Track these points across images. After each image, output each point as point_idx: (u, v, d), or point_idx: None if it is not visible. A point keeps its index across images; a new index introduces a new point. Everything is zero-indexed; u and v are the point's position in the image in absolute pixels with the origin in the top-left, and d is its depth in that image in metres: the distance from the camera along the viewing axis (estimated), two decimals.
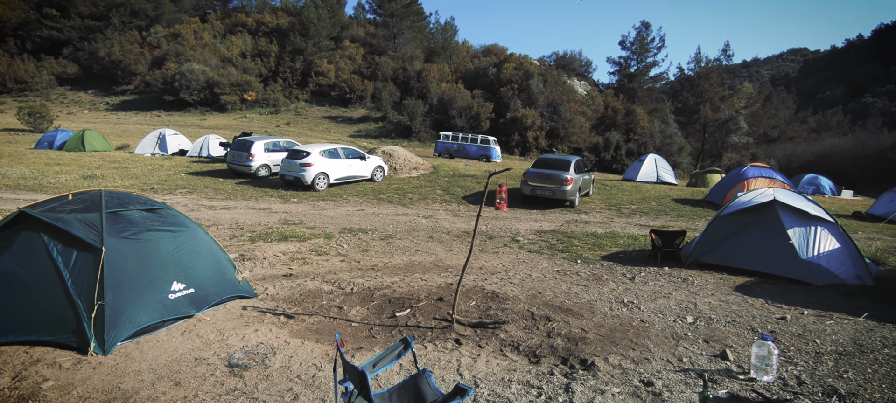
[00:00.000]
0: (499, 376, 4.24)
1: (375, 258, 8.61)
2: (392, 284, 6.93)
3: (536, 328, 5.39)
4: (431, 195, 16.20)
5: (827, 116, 62.59)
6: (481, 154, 29.21)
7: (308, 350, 4.68)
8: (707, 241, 8.68)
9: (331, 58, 50.35)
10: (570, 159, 15.54)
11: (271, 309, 5.76)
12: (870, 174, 36.03)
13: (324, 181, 15.95)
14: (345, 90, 48.20)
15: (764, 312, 6.10)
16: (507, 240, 10.46)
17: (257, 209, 12.89)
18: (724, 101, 45.41)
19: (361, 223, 11.69)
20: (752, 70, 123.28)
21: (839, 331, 5.44)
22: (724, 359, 4.64)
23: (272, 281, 6.88)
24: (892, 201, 16.10)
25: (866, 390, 4.07)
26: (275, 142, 18.49)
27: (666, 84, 55.78)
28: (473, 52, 58.75)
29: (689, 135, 45.95)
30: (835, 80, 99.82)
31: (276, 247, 8.81)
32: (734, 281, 7.57)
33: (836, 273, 7.46)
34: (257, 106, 45.51)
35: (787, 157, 44.52)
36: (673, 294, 6.82)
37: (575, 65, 56.34)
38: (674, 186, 23.07)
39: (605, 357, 4.62)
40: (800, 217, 7.97)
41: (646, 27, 51.57)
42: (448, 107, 40.37)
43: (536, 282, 7.28)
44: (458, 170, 21.67)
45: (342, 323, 5.48)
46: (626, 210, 15.40)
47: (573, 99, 44.49)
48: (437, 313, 5.80)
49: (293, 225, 10.99)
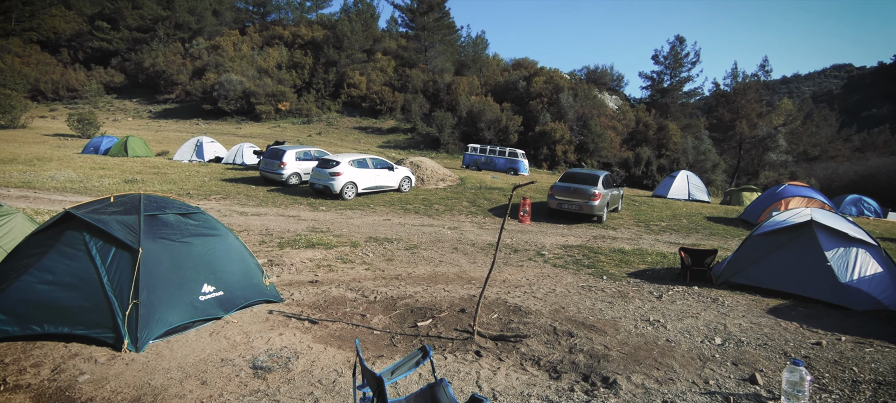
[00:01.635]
0: (518, 390, 4.21)
1: (400, 267, 8.68)
2: (415, 294, 6.98)
3: (558, 343, 5.34)
4: (457, 207, 16.25)
5: (872, 135, 59.93)
6: (509, 167, 29.14)
7: (330, 356, 4.76)
8: (740, 261, 8.43)
9: (363, 70, 51.34)
10: (599, 174, 15.35)
11: (296, 314, 5.89)
12: None
13: (352, 190, 16.21)
14: (375, 101, 48.99)
15: (798, 336, 5.87)
16: (532, 254, 10.39)
17: (287, 216, 13.19)
18: (762, 118, 44.04)
19: (387, 232, 11.82)
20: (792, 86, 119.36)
21: (879, 360, 5.19)
22: (753, 383, 4.49)
23: (298, 287, 7.02)
24: None
25: None
26: (306, 152, 18.92)
27: (700, 99, 54.60)
28: (503, 65, 58.89)
29: (724, 152, 44.70)
30: (881, 97, 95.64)
31: (304, 254, 8.99)
32: (767, 303, 7.31)
33: (877, 298, 7.12)
34: (291, 116, 46.70)
35: (828, 177, 42.74)
36: (701, 314, 6.64)
37: (606, 79, 55.76)
38: (706, 204, 22.46)
39: (628, 375, 4.53)
40: (839, 238, 7.66)
41: (680, 42, 50.71)
42: (477, 120, 40.49)
43: (560, 297, 7.20)
44: (486, 182, 21.68)
45: (364, 330, 5.55)
46: (656, 227, 15.08)
47: (603, 113, 43.97)
48: (458, 324, 5.81)
49: (321, 232, 11.20)
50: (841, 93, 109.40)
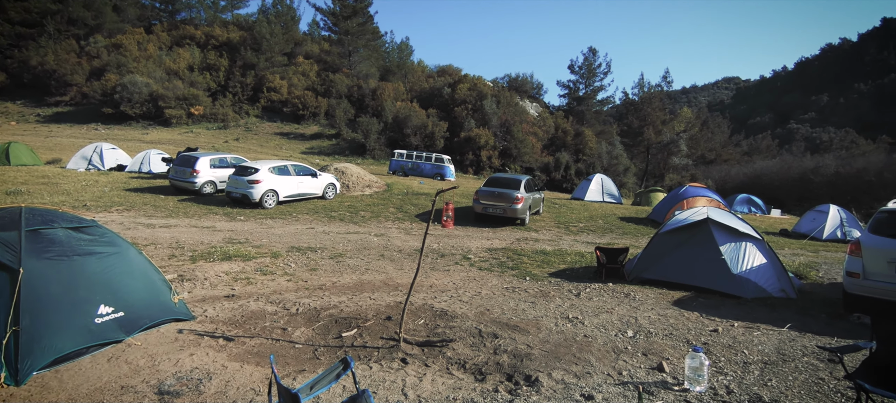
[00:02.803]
0: (444, 394, 4.22)
1: (324, 277, 8.42)
2: (339, 304, 6.80)
3: (483, 345, 5.42)
4: (384, 213, 16.10)
5: (757, 140, 67.25)
6: (435, 172, 29.37)
7: (247, 374, 4.50)
8: (648, 258, 9.06)
9: (283, 73, 49.48)
10: (521, 178, 15.88)
11: (210, 331, 5.51)
12: (795, 194, 38.88)
13: (272, 198, 15.53)
14: (298, 106, 47.41)
15: (698, 325, 6.41)
16: (459, 258, 10.51)
17: (200, 227, 12.36)
18: (666, 125, 47.96)
19: (311, 241, 11.44)
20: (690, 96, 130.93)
21: (765, 342, 5.78)
22: (660, 371, 4.82)
23: (212, 303, 6.59)
24: (814, 220, 17.41)
25: (787, 396, 4.34)
26: (222, 158, 17.87)
27: (612, 107, 58.36)
28: (428, 71, 59.40)
29: (634, 157, 48.09)
30: (763, 107, 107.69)
31: (219, 267, 8.46)
32: (672, 295, 7.91)
33: (763, 286, 7.95)
34: (205, 121, 43.94)
35: (722, 178, 47.34)
36: (615, 309, 7.05)
37: (527, 87, 57.97)
38: (619, 205, 23.99)
39: (549, 372, 4.69)
40: (731, 234, 8.47)
41: (593, 53, 53.98)
42: (403, 126, 40.47)
43: (485, 300, 7.34)
44: (412, 188, 21.68)
45: (285, 344, 5.31)
46: (575, 228, 15.85)
47: (525, 120, 45.66)
48: (384, 332, 5.73)
49: (238, 243, 10.60)
50: (731, 103, 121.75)
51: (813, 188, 39.15)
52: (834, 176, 40.99)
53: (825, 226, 16.66)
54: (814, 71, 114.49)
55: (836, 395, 4.39)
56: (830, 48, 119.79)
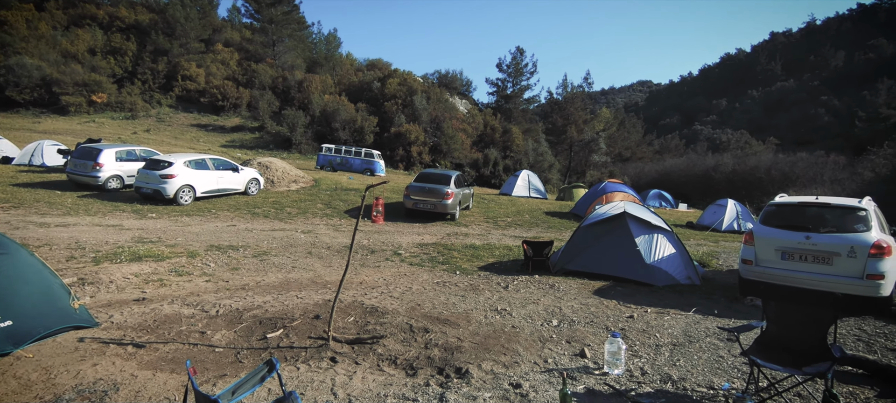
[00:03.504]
0: (375, 392, 4.17)
1: (247, 277, 8.02)
2: (264, 304, 6.50)
3: (414, 340, 5.42)
4: (312, 209, 15.61)
5: (667, 140, 72.77)
6: (365, 168, 28.93)
7: (161, 383, 4.18)
8: (571, 250, 9.50)
9: (201, 61, 46.33)
10: (451, 174, 16.05)
11: (116, 338, 5.06)
12: (699, 190, 42.53)
13: (189, 194, 14.55)
14: (217, 97, 44.66)
15: (616, 312, 6.82)
16: (389, 254, 10.44)
17: (105, 226, 11.32)
18: (587, 124, 50.55)
19: (232, 239, 10.85)
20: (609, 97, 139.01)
21: (674, 325, 6.27)
22: (582, 357, 5.08)
23: (119, 308, 6.05)
24: (715, 213, 19.12)
25: (693, 374, 4.73)
26: (130, 151, 16.46)
27: (538, 106, 60.41)
28: (357, 65, 58.24)
29: (558, 154, 50.23)
30: (673, 109, 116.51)
31: (127, 269, 7.79)
32: (593, 285, 8.35)
33: (672, 274, 8.62)
34: (109, 109, 40.19)
35: (637, 174, 50.78)
36: (541, 300, 7.32)
37: (456, 83, 58.54)
38: (545, 200, 24.95)
39: (479, 363, 4.79)
40: (645, 227, 9.09)
41: (520, 52, 55.46)
42: (331, 120, 39.43)
43: (416, 295, 7.34)
44: (341, 183, 21.20)
45: (204, 349, 5.00)
46: (503, 222, 16.28)
47: (455, 116, 46.13)
48: (312, 332, 5.56)
49: (150, 243, 9.82)
50: (644, 104, 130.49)
51: (714, 184, 43.01)
52: (731, 173, 45.29)
53: (724, 219, 18.35)
54: (715, 77, 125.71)
55: (733, 370, 4.85)
56: (729, 57, 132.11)
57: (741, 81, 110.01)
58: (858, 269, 6.66)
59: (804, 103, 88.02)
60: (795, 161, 44.57)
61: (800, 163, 43.45)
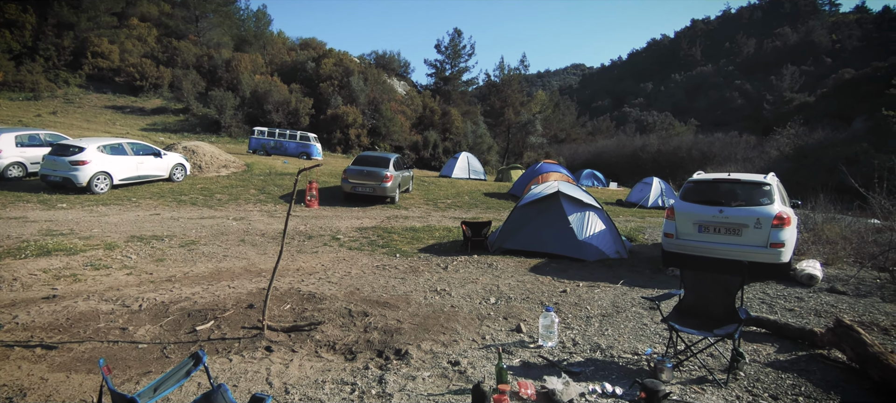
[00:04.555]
0: (312, 378, 4.10)
1: (173, 268, 7.58)
2: (193, 295, 6.18)
3: (354, 324, 5.37)
4: (244, 195, 14.95)
5: (599, 122, 75.83)
6: (301, 151, 28.02)
7: (75, 385, 3.88)
8: (508, 229, 9.74)
9: (113, 37, 42.52)
10: (390, 157, 15.90)
11: (22, 341, 4.63)
12: (628, 169, 44.84)
13: (105, 182, 13.46)
14: (134, 76, 41.26)
15: (551, 287, 7.09)
16: (328, 239, 10.23)
17: (5, 218, 10.26)
18: (524, 106, 51.67)
19: (156, 229, 10.19)
20: (544, 80, 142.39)
21: (603, 297, 6.62)
22: (518, 332, 5.25)
23: (25, 307, 5.54)
24: (642, 190, 20.27)
25: (620, 342, 5.03)
26: (32, 135, 14.92)
27: (476, 88, 60.93)
28: (290, 44, 55.84)
29: (497, 136, 51.05)
30: (604, 92, 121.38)
31: (33, 265, 7.12)
32: (529, 263, 8.63)
33: (602, 250, 9.07)
34: (6, 89, 36.09)
35: (572, 155, 52.70)
36: (480, 279, 7.48)
37: (394, 65, 57.73)
38: (484, 181, 25.36)
39: (418, 344, 4.83)
40: (577, 205, 9.47)
41: (458, 34, 55.49)
42: (263, 101, 37.70)
43: (355, 279, 7.26)
44: (276, 168, 20.43)
45: (126, 346, 4.69)
46: (443, 204, 16.38)
47: (393, 98, 45.57)
48: (246, 322, 5.36)
49: (60, 235, 9.02)
50: (578, 87, 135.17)
51: (641, 163, 45.50)
52: (657, 153, 48.10)
53: (650, 196, 19.50)
54: (642, 61, 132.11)
55: (655, 336, 5.20)
56: (654, 42, 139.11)
57: (666, 66, 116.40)
58: (763, 239, 7.32)
59: (720, 87, 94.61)
60: (713, 141, 48.08)
61: (716, 143, 46.90)
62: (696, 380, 4.14)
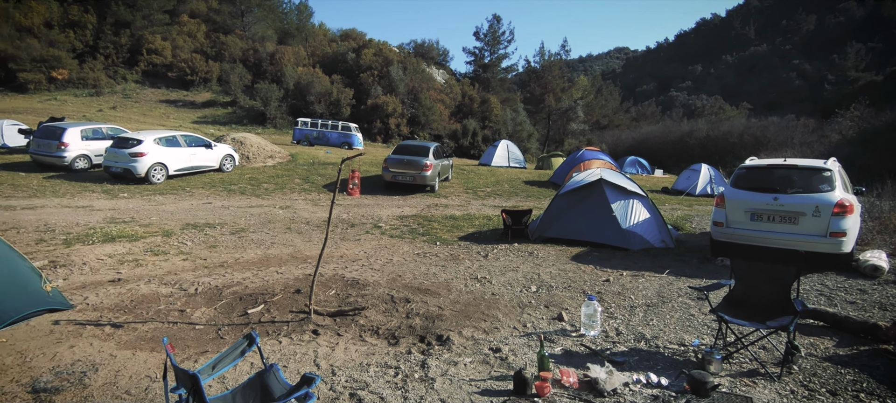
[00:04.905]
0: (357, 361, 4.23)
1: (225, 254, 7.94)
2: (244, 280, 6.47)
3: (396, 310, 5.48)
4: (289, 184, 15.43)
5: (644, 107, 73.39)
6: (343, 141, 28.57)
7: (141, 361, 4.16)
8: (549, 218, 9.63)
9: (166, 34, 44.54)
10: (429, 145, 15.98)
11: (93, 320, 4.99)
12: (675, 155, 43.20)
13: (161, 172, 14.20)
14: (185, 71, 43.16)
15: (593, 276, 6.99)
16: (369, 227, 10.43)
17: (74, 207, 11.01)
18: (565, 92, 50.60)
19: (208, 217, 10.68)
20: (586, 65, 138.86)
21: (648, 287, 6.46)
22: (560, 321, 5.22)
23: (95, 289, 5.95)
24: (689, 178, 19.54)
25: (665, 332, 4.91)
26: (96, 129, 15.90)
27: (516, 75, 60.25)
28: (331, 35, 56.81)
29: (537, 123, 50.32)
30: (649, 76, 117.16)
31: (100, 250, 7.63)
32: (571, 251, 8.52)
33: (647, 238, 8.83)
34: (72, 86, 38.55)
35: (614, 142, 51.28)
36: (520, 267, 7.45)
37: (433, 53, 57.76)
38: (524, 169, 25.11)
39: (460, 330, 4.88)
40: (621, 193, 9.24)
41: (497, 20, 54.87)
42: (306, 93, 38.62)
43: (397, 266, 7.39)
44: (319, 157, 20.94)
45: (184, 327, 4.97)
46: (482, 193, 16.36)
47: (432, 87, 45.65)
48: (293, 306, 5.57)
49: (123, 223, 9.61)
50: (621, 72, 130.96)
51: (689, 149, 43.74)
52: (705, 138, 46.08)
53: (698, 183, 18.78)
54: (690, 43, 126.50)
55: (703, 327, 5.05)
56: (704, 22, 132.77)
57: (716, 47, 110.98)
58: (822, 227, 6.93)
59: (776, 68, 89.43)
60: (767, 125, 45.54)
61: (771, 127, 44.41)
62: (747, 373, 4.00)
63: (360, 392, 3.68)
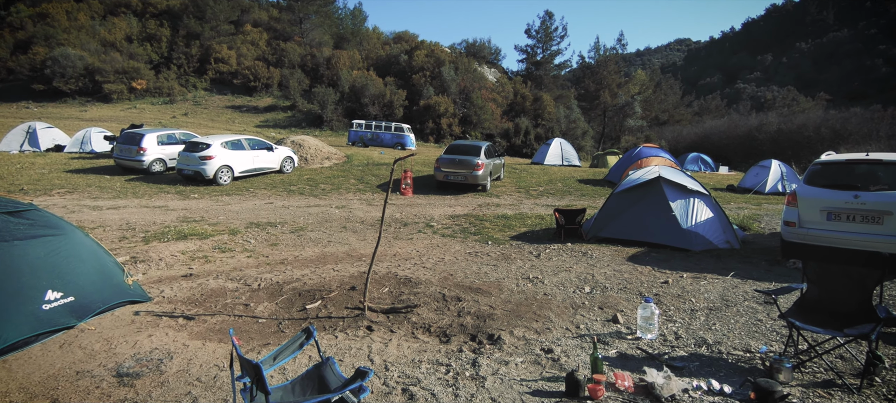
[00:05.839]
0: (409, 358, 4.31)
1: (285, 251, 8.32)
2: (302, 277, 6.75)
3: (447, 309, 5.54)
4: (345, 185, 15.91)
5: (707, 101, 69.75)
6: (396, 142, 29.10)
7: (210, 352, 4.45)
8: (604, 217, 9.38)
9: (231, 43, 47.20)
10: (481, 145, 15.97)
11: (168, 311, 5.39)
12: (741, 151, 40.77)
13: (227, 174, 15.05)
14: (249, 78, 45.52)
15: (650, 278, 6.74)
16: (422, 226, 10.58)
17: (151, 207, 11.89)
18: (621, 88, 49.00)
19: (270, 216, 11.21)
20: (644, 58, 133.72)
21: (710, 290, 6.16)
22: (615, 323, 5.08)
23: (169, 283, 6.41)
24: (758, 175, 18.38)
25: (729, 337, 4.67)
26: (170, 135, 17.09)
27: (569, 71, 58.93)
28: (384, 38, 58.02)
29: (591, 120, 49.04)
30: (713, 68, 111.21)
31: (174, 247, 8.20)
32: (627, 252, 8.26)
33: (710, 239, 8.41)
34: (149, 95, 41.65)
35: (675, 138, 49.03)
36: (574, 267, 7.31)
37: (484, 52, 57.62)
38: (578, 168, 24.56)
39: (511, 330, 4.86)
40: (681, 191, 8.85)
41: (549, 16, 53.93)
42: (360, 95, 39.66)
43: (448, 265, 7.45)
44: (373, 158, 21.44)
45: (248, 320, 5.26)
46: (535, 192, 16.16)
47: (484, 86, 45.56)
48: (349, 302, 5.76)
49: (193, 222, 10.28)
50: (682, 64, 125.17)
51: (757, 145, 41.14)
52: (776, 132, 43.11)
53: (767, 181, 17.63)
54: (759, 31, 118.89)
55: (771, 333, 4.75)
56: (775, 8, 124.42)
57: (789, 34, 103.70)
58: None
59: (859, 54, 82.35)
60: (848, 117, 41.92)
61: (853, 119, 40.88)
62: (821, 384, 3.73)
63: (412, 388, 3.75)
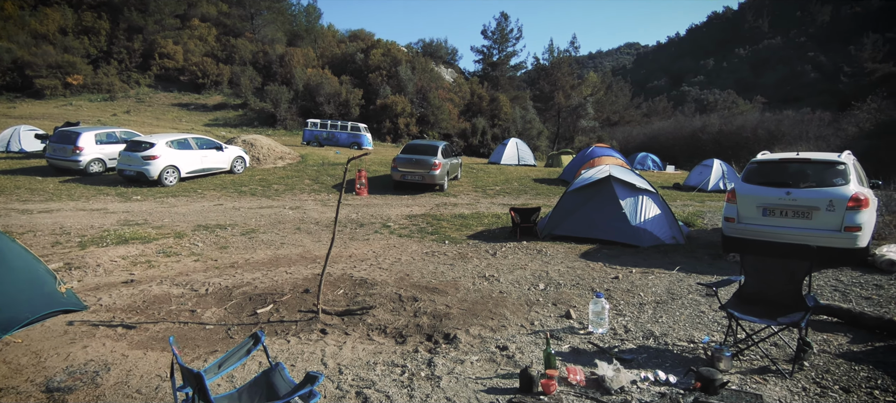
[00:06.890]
0: (364, 360, 4.25)
1: (235, 255, 8.02)
2: (253, 280, 6.53)
3: (403, 309, 5.50)
4: (299, 185, 15.53)
5: (655, 103, 72.66)
6: (352, 141, 28.71)
7: (151, 361, 4.22)
8: (558, 215, 9.58)
9: (177, 38, 45.09)
10: (438, 144, 15.99)
11: (106, 320, 5.08)
12: (687, 151, 42.73)
13: (173, 175, 14.38)
14: (197, 74, 43.66)
15: (602, 274, 6.94)
16: (378, 227, 10.47)
17: (89, 210, 11.20)
18: (574, 89, 50.34)
19: (219, 218, 10.80)
20: (596, 61, 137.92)
21: (657, 284, 6.41)
22: (568, 318, 5.19)
23: (108, 290, 6.05)
24: (701, 173, 19.31)
25: (674, 329, 4.87)
26: (110, 133, 16.15)
27: (525, 73, 59.93)
28: (340, 36, 57.08)
29: (546, 121, 50.10)
30: (660, 72, 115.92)
31: (114, 252, 7.75)
32: (580, 249, 8.47)
33: (657, 235, 8.75)
34: (86, 92, 39.19)
35: (625, 139, 50.84)
36: (529, 265, 7.43)
37: (441, 52, 57.77)
38: (533, 167, 25.02)
39: (467, 329, 4.88)
40: (630, 189, 9.16)
41: (505, 18, 54.65)
42: (315, 94, 38.87)
43: (405, 265, 7.41)
44: (328, 158, 21.05)
45: (195, 326, 5.03)
46: (491, 191, 16.33)
47: (441, 86, 45.65)
48: (302, 305, 5.61)
49: (136, 225, 9.75)
50: (632, 67, 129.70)
51: (701, 145, 43.23)
52: (718, 133, 45.46)
53: (710, 179, 18.55)
54: (702, 37, 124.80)
55: (713, 324, 4.99)
56: (716, 15, 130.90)
57: (729, 40, 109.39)
58: (837, 222, 6.81)
59: (791, 60, 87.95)
60: (781, 119, 44.77)
61: (786, 121, 43.68)
62: (758, 370, 3.94)
63: (367, 391, 3.69)
